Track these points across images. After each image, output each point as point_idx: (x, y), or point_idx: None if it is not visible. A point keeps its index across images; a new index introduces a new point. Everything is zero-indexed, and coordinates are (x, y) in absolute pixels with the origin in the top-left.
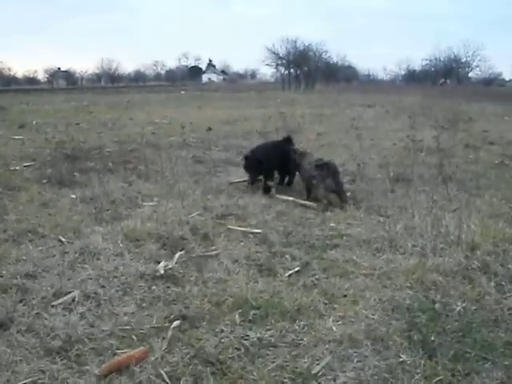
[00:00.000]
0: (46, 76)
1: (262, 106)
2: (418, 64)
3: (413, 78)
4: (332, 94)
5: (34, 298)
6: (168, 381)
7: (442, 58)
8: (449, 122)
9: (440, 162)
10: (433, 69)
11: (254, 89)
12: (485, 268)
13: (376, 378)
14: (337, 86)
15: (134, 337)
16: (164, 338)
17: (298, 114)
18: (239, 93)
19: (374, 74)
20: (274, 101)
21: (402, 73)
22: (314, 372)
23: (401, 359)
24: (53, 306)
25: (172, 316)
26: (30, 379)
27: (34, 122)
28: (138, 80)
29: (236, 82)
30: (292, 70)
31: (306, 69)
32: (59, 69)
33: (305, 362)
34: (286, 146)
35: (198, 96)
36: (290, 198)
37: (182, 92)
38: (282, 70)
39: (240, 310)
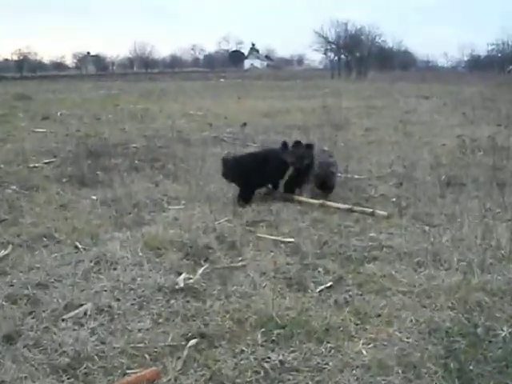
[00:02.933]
0: (75, 61)
1: (307, 97)
2: (482, 49)
3: (477, 64)
4: (385, 82)
5: (44, 311)
6: None
7: (510, 43)
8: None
9: (494, 165)
10: (499, 55)
11: (300, 76)
12: None
13: None
14: (391, 74)
15: (146, 355)
16: (179, 358)
17: (346, 107)
18: (283, 81)
19: (434, 61)
20: (321, 90)
21: (465, 59)
22: None
23: None
24: (63, 320)
25: (189, 334)
26: None
27: (59, 114)
28: (173, 66)
29: (281, 69)
30: (342, 56)
31: (357, 54)
32: (88, 53)
33: None
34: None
35: (238, 84)
36: (345, 206)
37: (222, 80)
38: (332, 55)
39: (263, 329)
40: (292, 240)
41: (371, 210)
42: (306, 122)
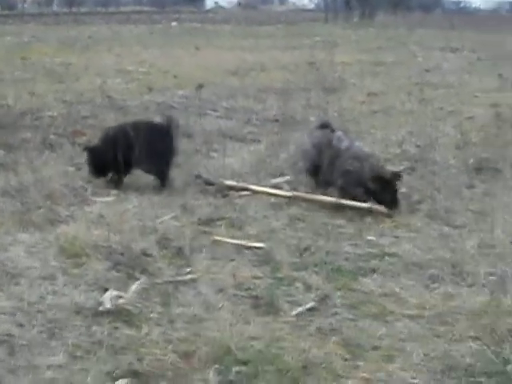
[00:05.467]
0: None
1: (290, 48)
2: None
3: None
4: (399, 29)
5: None
6: None
7: None
8: None
9: None
10: None
11: (282, 20)
12: None
13: None
14: (408, 18)
15: None
16: None
17: (343, 62)
18: (259, 26)
19: (467, 1)
20: (312, 39)
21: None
22: None
23: None
24: None
25: (117, 371)
26: None
27: None
28: (107, 4)
29: (257, 9)
30: None
31: None
32: None
33: None
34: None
35: (196, 30)
36: (329, 199)
37: (174, 24)
38: None
39: (217, 366)
40: (261, 245)
41: (368, 204)
42: (288, 84)
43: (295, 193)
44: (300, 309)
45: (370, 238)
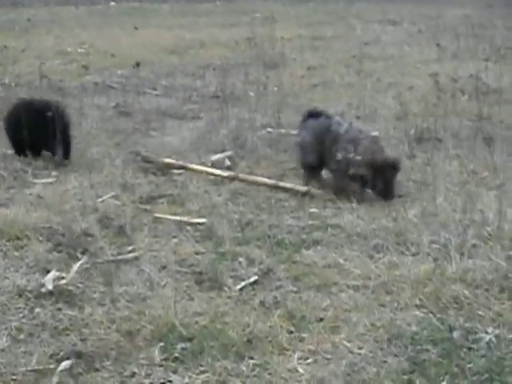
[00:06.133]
0: None
1: (230, 25)
2: None
3: None
4: (339, 3)
5: None
6: None
7: None
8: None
9: (479, 113)
10: None
11: None
12: None
13: None
14: None
15: None
16: None
17: (283, 37)
18: (198, 4)
19: None
20: (251, 15)
21: None
22: None
23: None
24: None
25: (61, 353)
26: None
27: None
28: None
29: None
30: None
31: None
32: None
33: None
34: None
35: (134, 9)
36: (266, 180)
37: (112, 3)
38: None
39: (162, 343)
40: (203, 221)
41: (306, 188)
42: (227, 60)
43: (232, 173)
44: (243, 283)
45: (312, 210)
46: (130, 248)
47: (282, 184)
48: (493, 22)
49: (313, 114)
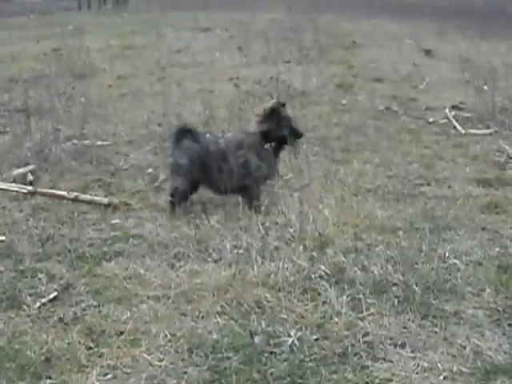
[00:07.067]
0: None
1: (44, 37)
2: None
3: None
4: (153, 12)
5: None
6: None
7: None
8: (318, 50)
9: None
10: None
11: (37, 10)
12: (337, 275)
13: None
14: (162, 1)
15: None
16: None
17: (93, 48)
18: (12, 17)
19: None
20: (64, 28)
21: None
22: None
23: None
24: None
25: None
26: None
27: None
28: None
29: (11, 2)
30: None
31: None
32: None
33: None
34: None
35: None
36: (61, 192)
37: None
38: None
39: None
40: (2, 238)
41: (106, 199)
42: (37, 73)
43: (31, 188)
44: (43, 300)
45: (114, 221)
46: None
47: (82, 197)
48: (305, 25)
49: (183, 132)
